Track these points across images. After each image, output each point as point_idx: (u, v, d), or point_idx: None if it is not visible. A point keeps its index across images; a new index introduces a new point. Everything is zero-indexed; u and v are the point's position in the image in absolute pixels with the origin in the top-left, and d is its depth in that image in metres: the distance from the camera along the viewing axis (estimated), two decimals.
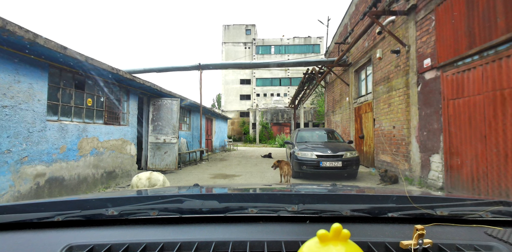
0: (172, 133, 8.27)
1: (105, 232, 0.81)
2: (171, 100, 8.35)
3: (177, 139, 8.31)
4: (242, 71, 38.71)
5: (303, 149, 6.83)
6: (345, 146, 7.21)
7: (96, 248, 0.69)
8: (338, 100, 13.17)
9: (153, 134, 8.22)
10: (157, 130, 8.23)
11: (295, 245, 0.70)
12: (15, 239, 0.76)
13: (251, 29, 39.80)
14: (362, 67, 10.04)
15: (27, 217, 0.84)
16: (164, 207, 0.90)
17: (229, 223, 0.87)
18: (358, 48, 10.14)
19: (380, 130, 8.10)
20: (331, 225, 0.53)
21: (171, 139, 8.25)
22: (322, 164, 6.31)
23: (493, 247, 0.70)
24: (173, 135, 8.27)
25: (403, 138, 6.76)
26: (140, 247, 0.70)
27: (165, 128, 8.24)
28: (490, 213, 0.87)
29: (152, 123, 8.22)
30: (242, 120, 35.69)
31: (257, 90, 38.15)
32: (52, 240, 0.75)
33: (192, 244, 0.71)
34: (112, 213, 0.86)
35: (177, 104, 8.35)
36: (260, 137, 30.93)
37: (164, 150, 8.25)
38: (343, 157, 6.45)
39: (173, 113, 8.29)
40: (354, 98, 10.75)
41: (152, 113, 8.22)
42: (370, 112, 9.00)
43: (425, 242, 0.67)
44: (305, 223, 0.87)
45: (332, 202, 1.01)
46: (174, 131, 8.29)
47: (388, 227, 0.84)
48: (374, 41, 8.67)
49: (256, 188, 1.65)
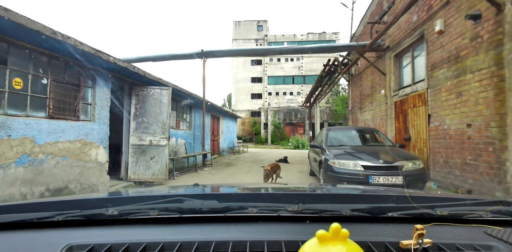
0: (161, 133, 6.30)
1: (105, 232, 0.81)
2: (159, 89, 6.38)
3: (167, 140, 6.33)
4: (253, 69, 37.66)
5: (341, 156, 4.67)
6: (402, 152, 5.04)
7: (96, 248, 0.69)
8: (368, 94, 10.96)
9: (136, 133, 6.27)
10: (141, 128, 6.28)
11: (295, 245, 0.70)
12: (15, 239, 0.76)
13: (263, 25, 38.90)
14: (407, 49, 7.84)
15: (27, 217, 0.84)
16: (164, 206, 0.90)
17: (229, 223, 0.87)
18: (400, 26, 7.95)
19: (441, 130, 5.89)
20: (330, 225, 0.53)
21: (160, 140, 6.28)
22: (372, 181, 4.16)
23: (493, 247, 0.69)
24: (163, 135, 6.30)
25: (490, 142, 4.56)
26: (140, 247, 0.69)
27: (152, 126, 6.28)
28: (490, 213, 0.86)
29: (134, 119, 6.27)
30: (253, 120, 34.44)
31: (269, 88, 37.17)
32: (52, 240, 0.74)
33: (192, 244, 0.71)
34: (112, 213, 0.85)
35: (167, 94, 6.37)
36: (272, 138, 29.16)
37: (150, 154, 6.28)
38: (404, 170, 4.29)
39: (163, 106, 6.32)
40: (393, 90, 8.55)
41: (135, 106, 6.27)
42: (422, 106, 6.80)
43: (425, 242, 0.66)
44: (305, 223, 0.87)
45: (332, 202, 1.02)
46: (164, 129, 6.32)
47: (388, 227, 0.84)
48: (429, 11, 6.47)
49: (256, 187, 1.65)
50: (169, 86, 6.66)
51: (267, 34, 38.81)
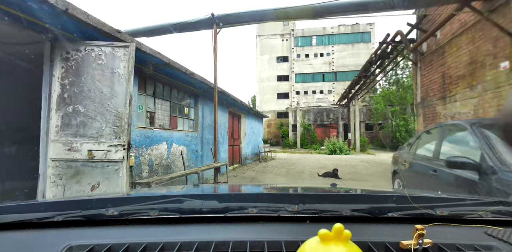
0: (114, 136, 3.07)
1: (105, 232, 0.81)
2: (111, 47, 3.15)
3: (125, 150, 3.07)
4: (279, 66, 34.79)
5: None
6: None
7: (96, 248, 0.69)
8: (464, 75, 7.15)
9: (62, 137, 3.07)
10: (73, 127, 3.07)
11: (295, 245, 0.69)
12: (15, 239, 0.75)
13: None
14: None
15: (27, 217, 0.83)
16: (164, 207, 0.89)
17: (229, 223, 0.86)
18: None
19: None
20: (331, 225, 0.53)
21: (111, 150, 3.05)
22: None
23: (493, 247, 0.69)
24: (116, 141, 3.06)
25: None
26: (140, 247, 0.69)
27: (95, 121, 3.06)
28: (490, 213, 0.86)
29: (59, 108, 3.09)
30: (279, 122, 31.48)
31: (297, 87, 34.34)
32: (52, 240, 0.74)
33: (192, 244, 0.71)
34: (112, 213, 0.85)
35: (128, 57, 3.14)
36: (302, 141, 25.66)
37: (90, 178, 3.05)
38: None
39: (118, 80, 3.09)
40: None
41: (61, 81, 3.09)
42: None
43: (425, 242, 0.66)
44: (305, 223, 0.86)
45: (332, 202, 1.01)
46: (121, 129, 3.08)
47: (388, 227, 0.83)
48: None
49: (256, 188, 1.63)
50: (129, 41, 3.37)
51: (293, 29, 35.93)
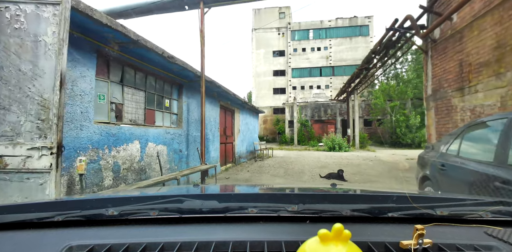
0: (38, 135, 2.10)
1: (105, 232, 0.81)
2: (34, 5, 2.14)
3: (54, 155, 2.11)
4: (275, 61, 33.98)
5: None
6: None
7: (96, 248, 0.69)
8: (488, 62, 6.22)
9: None
10: None
11: (295, 245, 0.69)
12: (15, 239, 0.75)
13: (285, 11, 35.33)
14: None
15: (27, 217, 0.83)
16: (164, 207, 0.89)
17: (229, 223, 0.86)
18: None
19: None
20: (331, 225, 0.53)
21: (31, 154, 2.08)
22: None
23: (493, 247, 0.69)
24: (41, 142, 2.09)
25: None
26: (140, 247, 0.69)
27: (9, 113, 2.08)
28: (490, 213, 0.86)
29: None
30: (275, 118, 30.75)
31: (293, 82, 33.19)
32: (52, 240, 0.74)
33: (192, 244, 0.70)
34: (112, 213, 0.84)
35: (59, 21, 2.15)
36: (299, 137, 24.82)
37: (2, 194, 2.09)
38: None
39: (45, 53, 2.11)
40: None
41: None
42: None
43: (425, 242, 0.66)
44: (305, 223, 0.86)
45: (332, 202, 1.01)
46: (47, 124, 2.11)
47: (388, 227, 0.83)
48: None
49: (256, 188, 1.64)
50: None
51: (290, 22, 35.09)
